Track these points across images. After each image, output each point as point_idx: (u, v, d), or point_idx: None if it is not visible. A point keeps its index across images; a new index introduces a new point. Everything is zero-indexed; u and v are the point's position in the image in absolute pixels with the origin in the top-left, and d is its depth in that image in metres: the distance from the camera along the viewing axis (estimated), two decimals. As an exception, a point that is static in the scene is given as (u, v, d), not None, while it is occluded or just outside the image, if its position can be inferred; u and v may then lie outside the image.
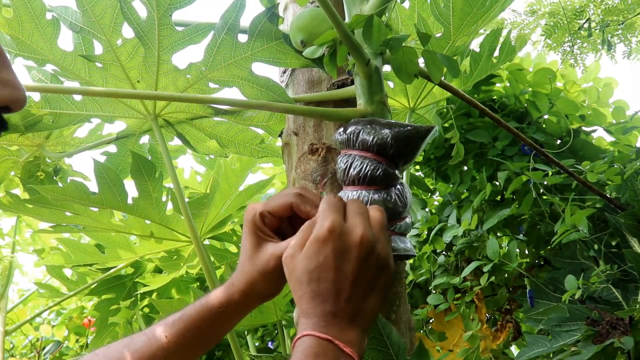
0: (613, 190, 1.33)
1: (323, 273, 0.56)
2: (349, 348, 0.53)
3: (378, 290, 0.57)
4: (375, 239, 0.58)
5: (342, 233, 0.58)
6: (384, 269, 0.58)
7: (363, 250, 0.57)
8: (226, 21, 0.92)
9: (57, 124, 1.11)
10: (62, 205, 1.16)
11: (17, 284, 3.28)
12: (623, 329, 1.05)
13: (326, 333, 0.54)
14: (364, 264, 0.56)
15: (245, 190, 1.44)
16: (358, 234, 0.57)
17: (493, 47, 1.10)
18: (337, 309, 0.55)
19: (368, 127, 0.69)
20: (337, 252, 0.57)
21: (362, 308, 0.56)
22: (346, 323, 0.55)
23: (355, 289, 0.56)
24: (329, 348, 0.53)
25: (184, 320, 0.64)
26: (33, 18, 0.96)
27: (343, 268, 0.56)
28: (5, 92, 0.40)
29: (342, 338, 0.54)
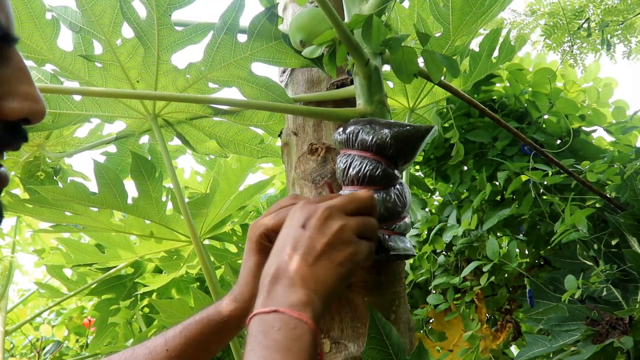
0: (613, 190, 1.33)
1: (282, 240, 0.59)
2: (297, 312, 0.52)
3: (333, 262, 0.57)
4: (338, 215, 0.59)
5: (309, 204, 0.61)
6: (345, 245, 0.58)
7: (319, 219, 0.58)
8: (225, 21, 0.92)
9: (57, 124, 1.11)
10: (62, 205, 1.16)
11: (17, 284, 3.28)
12: (623, 328, 1.05)
13: (269, 305, 0.53)
14: (319, 232, 0.58)
15: (245, 190, 1.44)
16: (322, 203, 0.60)
17: (493, 46, 1.10)
18: (284, 273, 0.56)
19: (367, 127, 0.69)
20: (298, 220, 0.59)
21: (312, 273, 0.56)
22: (290, 286, 0.55)
23: (306, 255, 0.57)
24: (274, 319, 0.52)
25: (185, 334, 0.65)
26: (33, 18, 0.96)
27: (298, 234, 0.58)
28: (25, 105, 0.43)
29: (285, 302, 0.53)
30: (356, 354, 0.71)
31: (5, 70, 0.42)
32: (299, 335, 0.51)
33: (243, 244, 1.66)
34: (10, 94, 0.42)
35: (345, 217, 0.60)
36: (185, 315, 1.27)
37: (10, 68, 0.43)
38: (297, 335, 0.51)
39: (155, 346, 0.65)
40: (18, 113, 0.42)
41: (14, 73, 0.43)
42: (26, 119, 0.43)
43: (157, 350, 0.65)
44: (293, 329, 0.51)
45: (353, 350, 0.72)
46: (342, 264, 0.58)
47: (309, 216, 0.59)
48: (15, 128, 0.43)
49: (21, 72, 0.43)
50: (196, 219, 1.33)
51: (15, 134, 0.43)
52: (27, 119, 0.43)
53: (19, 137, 0.44)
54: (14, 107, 0.42)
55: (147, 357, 0.65)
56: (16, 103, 0.42)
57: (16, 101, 0.42)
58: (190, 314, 1.30)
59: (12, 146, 0.44)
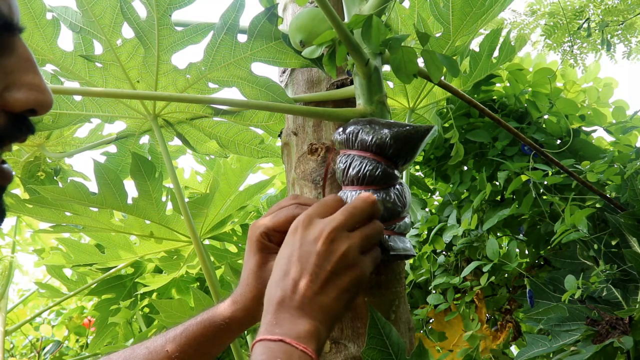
0: (613, 190, 1.33)
1: (285, 265, 0.57)
2: (302, 344, 0.52)
3: (338, 290, 0.56)
4: (341, 237, 0.58)
5: (309, 226, 0.59)
6: (347, 270, 0.57)
7: (323, 245, 0.57)
8: (225, 21, 0.92)
9: (57, 124, 1.11)
10: (62, 205, 1.16)
11: (17, 284, 3.28)
12: (623, 328, 1.05)
13: (275, 333, 0.53)
14: (323, 259, 0.56)
15: (245, 191, 1.44)
16: (325, 227, 0.58)
17: (493, 47, 1.10)
18: (290, 301, 0.55)
19: (367, 127, 0.69)
20: (300, 244, 0.58)
21: (317, 300, 0.55)
22: (297, 316, 0.54)
23: (310, 282, 0.55)
24: (278, 349, 0.52)
25: (185, 335, 0.65)
26: (33, 18, 0.96)
27: (302, 259, 0.57)
28: (31, 95, 0.41)
29: (292, 333, 0.53)
30: (356, 354, 0.71)
31: (9, 60, 0.41)
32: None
33: (243, 244, 1.66)
34: (15, 85, 0.41)
35: (348, 236, 0.59)
36: (185, 315, 1.28)
37: (15, 58, 0.41)
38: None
39: (155, 346, 0.65)
40: (24, 104, 0.41)
41: (18, 63, 0.41)
42: (32, 109, 0.42)
43: (157, 350, 0.65)
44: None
45: (353, 350, 0.72)
46: (348, 290, 0.57)
47: (313, 239, 0.58)
48: (21, 119, 0.42)
49: (27, 62, 0.42)
50: (196, 219, 1.33)
51: (21, 126, 0.42)
52: (33, 110, 0.42)
53: (25, 129, 0.43)
54: (19, 97, 0.41)
55: (146, 357, 0.65)
56: (21, 94, 0.41)
57: (21, 92, 0.41)
58: (190, 314, 1.31)
59: (18, 138, 0.43)
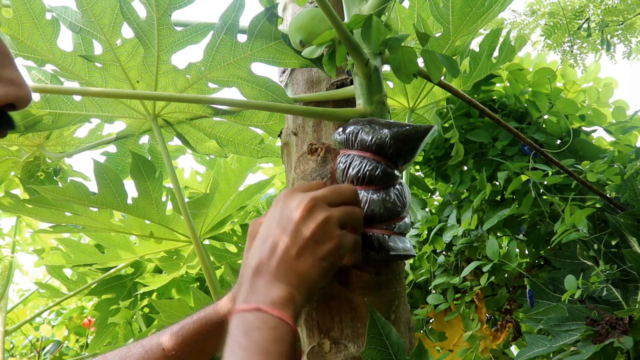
0: (613, 190, 1.33)
1: (265, 232, 0.58)
2: (277, 310, 0.52)
3: (315, 256, 0.57)
4: (321, 207, 0.58)
5: (291, 195, 0.60)
6: (328, 240, 0.58)
7: (301, 213, 0.57)
8: (225, 21, 0.92)
9: (57, 124, 1.11)
10: (62, 205, 1.16)
11: (17, 284, 3.28)
12: (622, 328, 1.05)
13: (251, 301, 0.53)
14: (302, 225, 0.57)
15: (245, 191, 1.44)
16: (302, 196, 0.59)
17: (493, 47, 1.10)
18: (266, 267, 0.55)
19: (367, 127, 0.69)
20: (280, 211, 0.59)
21: (293, 265, 0.55)
22: (272, 280, 0.54)
23: (288, 248, 0.56)
24: (255, 318, 0.52)
25: (182, 333, 0.65)
26: (33, 18, 0.96)
27: (280, 226, 0.57)
28: (10, 90, 0.41)
29: (266, 299, 0.53)
30: (356, 354, 0.71)
31: None
32: (279, 336, 0.51)
33: (243, 244, 1.66)
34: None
35: (328, 208, 0.59)
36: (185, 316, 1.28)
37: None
38: (277, 337, 0.51)
39: (151, 345, 0.65)
40: (2, 99, 0.40)
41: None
42: (11, 104, 0.41)
43: (153, 348, 0.64)
44: (273, 329, 0.51)
45: (353, 350, 0.72)
46: (324, 258, 0.57)
47: (293, 207, 0.58)
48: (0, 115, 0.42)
49: (4, 56, 0.41)
50: (196, 219, 1.33)
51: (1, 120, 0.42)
52: (11, 105, 0.41)
53: (4, 124, 0.42)
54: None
55: (142, 355, 0.64)
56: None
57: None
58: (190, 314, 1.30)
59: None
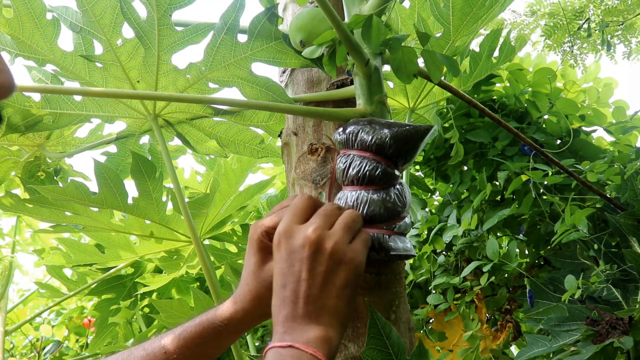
0: (613, 190, 1.33)
1: (281, 279, 0.57)
2: (311, 348, 0.52)
3: (337, 287, 0.56)
4: (324, 236, 0.58)
5: (291, 236, 0.59)
6: (342, 265, 0.57)
7: (309, 249, 0.57)
8: (226, 21, 0.92)
9: (58, 124, 1.11)
10: (62, 205, 1.16)
11: (17, 284, 3.28)
12: (623, 328, 1.05)
13: (285, 340, 0.53)
14: (314, 262, 0.56)
15: (245, 191, 1.44)
16: (305, 233, 0.58)
17: (493, 47, 1.10)
18: (294, 312, 0.55)
19: (367, 127, 0.69)
20: (288, 255, 0.58)
21: (322, 306, 0.55)
22: (305, 324, 0.54)
23: (308, 288, 0.56)
24: (288, 354, 0.52)
25: (184, 336, 0.64)
26: (33, 18, 0.96)
27: (294, 270, 0.57)
28: None
29: (301, 339, 0.53)
30: (356, 354, 0.71)
31: None
32: None
33: (243, 244, 1.66)
34: None
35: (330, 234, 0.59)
36: (185, 316, 1.28)
37: None
38: None
39: (153, 348, 0.64)
40: None
41: None
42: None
43: (155, 352, 0.64)
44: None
45: (353, 350, 0.72)
46: (347, 285, 0.57)
47: (299, 247, 0.58)
48: None
49: None
50: (196, 219, 1.33)
51: None
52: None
53: None
54: None
55: (144, 358, 0.64)
56: None
57: None
58: (190, 314, 1.30)
59: None
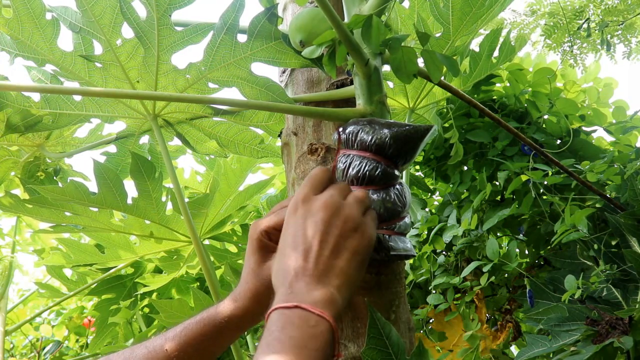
0: (613, 190, 1.33)
1: (293, 241, 0.59)
2: (318, 308, 0.52)
3: (349, 252, 0.58)
4: (342, 204, 0.60)
5: (309, 200, 0.61)
6: (355, 232, 0.59)
7: (327, 212, 0.59)
8: (225, 21, 0.92)
9: (57, 124, 1.11)
10: (62, 205, 1.16)
11: (17, 284, 3.28)
12: (622, 328, 1.05)
13: (291, 300, 0.53)
14: (329, 225, 0.58)
15: (245, 191, 1.44)
16: (323, 198, 0.60)
17: (493, 47, 1.10)
18: (304, 272, 0.56)
19: (367, 127, 0.69)
20: (303, 217, 0.60)
21: (330, 266, 0.56)
22: (312, 282, 0.55)
23: (321, 249, 0.57)
24: (294, 315, 0.52)
25: (185, 333, 0.65)
26: (33, 18, 0.96)
27: (308, 230, 0.58)
28: None
29: (308, 299, 0.53)
30: (356, 354, 0.71)
31: None
32: (317, 333, 0.50)
33: (243, 244, 1.66)
34: None
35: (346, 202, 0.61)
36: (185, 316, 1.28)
37: None
38: (315, 334, 0.50)
39: (155, 346, 0.65)
40: None
41: None
42: None
43: (157, 350, 0.64)
44: (312, 326, 0.51)
45: (353, 350, 0.72)
46: (358, 252, 0.58)
47: (316, 209, 0.60)
48: None
49: None
50: (196, 219, 1.33)
51: None
52: None
53: None
54: None
55: (146, 356, 0.64)
56: None
57: None
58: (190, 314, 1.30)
59: None
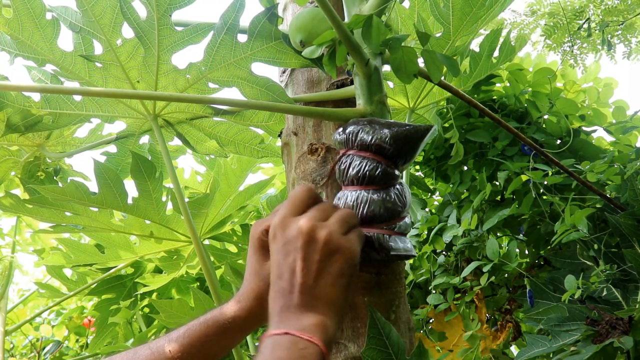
0: (613, 190, 1.33)
1: (277, 270, 0.59)
2: (306, 334, 0.53)
3: (332, 276, 0.57)
4: (320, 227, 0.59)
5: (286, 227, 0.60)
6: (335, 254, 0.58)
7: (303, 239, 0.58)
8: (226, 21, 0.92)
9: (57, 124, 1.11)
10: (62, 205, 1.16)
11: (17, 284, 3.28)
12: (622, 328, 1.05)
13: (281, 328, 0.54)
14: (308, 252, 0.57)
15: (245, 190, 1.44)
16: (300, 222, 0.59)
17: (493, 47, 1.10)
18: (290, 301, 0.56)
19: (367, 127, 0.69)
20: (283, 246, 0.59)
21: (317, 295, 0.56)
22: (300, 312, 0.55)
23: (304, 277, 0.57)
24: (284, 340, 0.53)
25: (188, 335, 0.65)
26: (33, 18, 0.96)
27: (289, 260, 0.58)
28: None
29: (296, 326, 0.54)
30: (356, 354, 0.71)
31: None
32: (306, 355, 0.52)
33: (243, 244, 1.66)
34: None
35: (325, 224, 0.59)
36: (186, 315, 1.28)
37: None
38: (304, 355, 0.51)
39: (158, 347, 0.65)
40: None
41: None
42: None
43: (159, 351, 0.64)
44: (301, 349, 0.52)
45: (353, 350, 0.72)
46: (342, 274, 0.58)
47: (293, 237, 0.59)
48: None
49: None
50: (196, 219, 1.33)
51: None
52: None
53: None
54: None
55: (149, 357, 0.64)
56: None
57: None
58: (190, 314, 1.30)
59: None
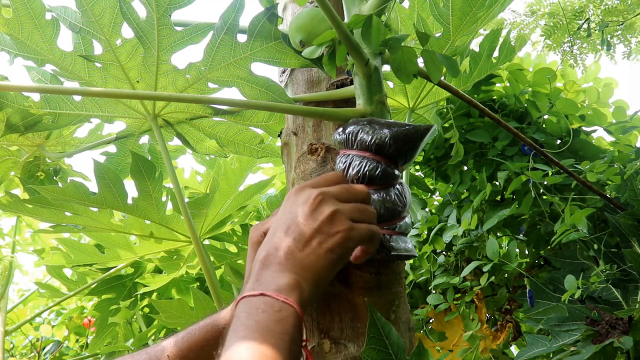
0: (613, 190, 1.33)
1: (274, 226, 0.60)
2: (282, 295, 0.53)
3: (323, 248, 0.58)
4: (330, 202, 0.59)
5: (301, 191, 0.61)
6: (336, 232, 0.58)
7: (312, 205, 0.59)
8: (225, 21, 0.92)
9: (57, 124, 1.11)
10: (62, 205, 1.16)
11: (17, 284, 3.28)
12: (622, 328, 1.05)
13: (256, 289, 0.54)
14: (310, 217, 0.58)
15: (245, 190, 1.44)
16: (315, 191, 0.60)
17: (493, 47, 1.10)
18: (273, 258, 0.56)
19: (367, 127, 0.69)
20: (290, 206, 0.60)
21: (299, 256, 0.57)
22: (279, 270, 0.55)
23: (295, 239, 0.57)
24: (259, 301, 0.53)
25: (187, 339, 0.65)
26: (32, 18, 0.96)
27: (288, 219, 0.59)
28: None
29: (272, 286, 0.54)
30: (356, 354, 0.71)
31: None
32: (282, 317, 0.51)
33: (243, 244, 1.66)
34: None
35: (337, 202, 0.60)
36: (185, 316, 1.28)
37: None
38: (280, 318, 0.51)
39: (156, 351, 0.64)
40: None
41: None
42: None
43: (158, 355, 0.64)
44: (277, 311, 0.51)
45: (353, 350, 0.72)
46: (332, 250, 0.58)
47: (301, 202, 0.60)
48: None
49: None
50: (196, 219, 1.33)
51: None
52: None
53: None
54: None
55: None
56: None
57: None
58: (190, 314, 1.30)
59: None
